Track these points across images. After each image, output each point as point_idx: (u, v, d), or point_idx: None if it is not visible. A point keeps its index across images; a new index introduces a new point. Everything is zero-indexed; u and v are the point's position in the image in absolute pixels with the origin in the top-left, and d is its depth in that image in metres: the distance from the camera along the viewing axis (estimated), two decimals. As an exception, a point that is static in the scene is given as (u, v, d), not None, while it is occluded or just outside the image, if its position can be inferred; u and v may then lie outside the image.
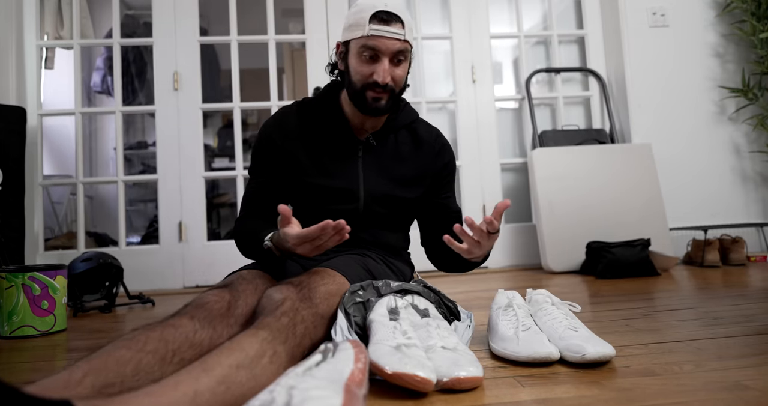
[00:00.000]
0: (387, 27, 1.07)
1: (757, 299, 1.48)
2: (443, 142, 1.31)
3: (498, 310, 1.06)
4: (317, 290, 0.95)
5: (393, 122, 1.25)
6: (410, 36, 1.12)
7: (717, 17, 2.89)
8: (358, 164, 1.22)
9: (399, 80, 1.13)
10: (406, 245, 1.37)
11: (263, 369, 0.71)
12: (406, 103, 1.30)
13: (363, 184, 1.21)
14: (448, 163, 1.31)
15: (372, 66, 1.10)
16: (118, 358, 0.67)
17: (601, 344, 0.90)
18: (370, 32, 1.07)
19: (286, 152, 1.20)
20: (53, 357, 1.23)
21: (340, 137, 1.22)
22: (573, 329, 0.96)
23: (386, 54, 1.09)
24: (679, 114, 2.84)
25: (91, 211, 3.74)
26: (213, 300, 0.89)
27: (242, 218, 1.21)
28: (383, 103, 1.13)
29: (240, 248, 1.19)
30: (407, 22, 1.11)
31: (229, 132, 3.97)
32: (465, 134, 2.84)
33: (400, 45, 1.09)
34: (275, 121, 1.23)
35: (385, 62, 1.09)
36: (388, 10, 1.08)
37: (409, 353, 0.78)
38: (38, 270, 1.54)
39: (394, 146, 1.25)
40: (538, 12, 3.15)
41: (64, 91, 3.13)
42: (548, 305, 1.05)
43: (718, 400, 0.71)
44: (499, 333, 1.00)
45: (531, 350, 0.90)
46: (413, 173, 1.25)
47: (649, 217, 2.54)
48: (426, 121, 1.34)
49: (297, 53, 3.47)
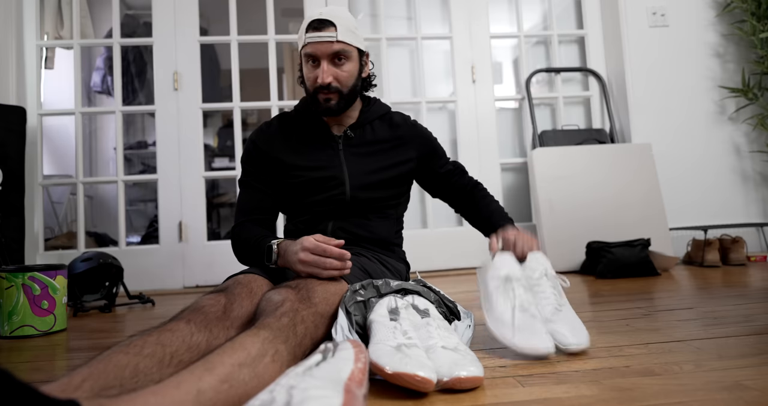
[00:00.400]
0: (319, 33, 1.17)
1: (757, 299, 1.48)
2: (414, 122, 1.41)
3: (495, 279, 1.05)
4: (315, 290, 0.96)
5: (367, 115, 1.32)
6: (351, 38, 1.19)
7: (717, 17, 2.89)
8: (340, 154, 1.28)
9: (344, 79, 1.21)
10: (399, 241, 1.38)
11: (265, 368, 0.71)
12: (377, 99, 1.38)
13: (347, 170, 1.26)
14: (424, 135, 1.39)
15: (315, 70, 1.20)
16: (116, 362, 0.67)
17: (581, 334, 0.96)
18: (307, 41, 1.18)
19: (271, 155, 1.27)
20: (53, 357, 1.23)
21: (319, 134, 1.29)
22: (558, 310, 1.01)
23: (323, 57, 1.18)
24: (679, 114, 2.85)
25: (91, 211, 3.74)
26: (209, 304, 0.90)
27: (239, 225, 1.25)
28: (333, 103, 1.22)
29: (238, 253, 1.23)
30: (342, 25, 1.18)
31: (229, 132, 3.97)
32: (465, 134, 2.84)
33: (337, 46, 1.18)
34: (258, 131, 1.32)
35: (324, 65, 1.19)
36: (321, 17, 1.18)
37: (410, 353, 0.78)
38: (38, 270, 1.54)
39: (371, 134, 1.32)
40: (538, 12, 3.15)
41: (64, 91, 3.13)
42: (541, 277, 1.07)
43: (718, 400, 0.71)
44: (497, 312, 1.00)
45: (528, 345, 0.92)
46: (394, 153, 1.31)
47: (649, 217, 2.54)
48: (399, 112, 1.42)
49: (297, 53, 3.46)
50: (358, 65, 1.25)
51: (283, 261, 1.08)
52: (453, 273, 2.65)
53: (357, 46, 1.22)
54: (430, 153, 1.38)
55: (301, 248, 1.02)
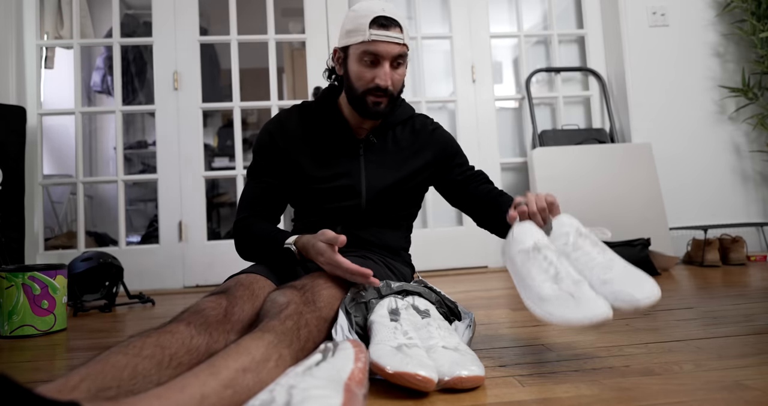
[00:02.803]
0: (387, 32, 1.10)
1: (757, 299, 1.48)
2: (436, 126, 1.33)
3: (522, 253, 0.91)
4: (320, 293, 0.95)
5: (391, 119, 1.27)
6: (407, 39, 1.15)
7: (717, 17, 2.89)
8: (360, 161, 1.23)
9: (398, 84, 1.16)
10: (407, 245, 1.37)
11: (269, 373, 0.71)
12: (402, 100, 1.32)
13: (365, 181, 1.22)
14: (442, 141, 1.30)
15: (373, 70, 1.12)
16: (114, 363, 0.67)
17: (646, 283, 0.83)
18: (371, 37, 1.09)
19: (287, 152, 1.21)
20: (53, 357, 1.23)
21: (341, 137, 1.24)
22: (609, 268, 0.87)
23: (387, 58, 1.11)
24: (679, 113, 2.84)
25: (91, 210, 3.74)
26: (209, 307, 0.88)
27: (244, 219, 1.19)
28: (383, 107, 1.15)
29: (242, 249, 1.18)
30: (405, 26, 1.14)
31: (229, 132, 3.97)
32: (465, 134, 2.84)
33: (400, 49, 1.12)
34: (276, 122, 1.24)
35: (386, 66, 1.11)
36: (387, 15, 1.11)
37: (410, 353, 0.78)
38: (38, 270, 1.54)
39: (393, 141, 1.27)
40: (538, 11, 3.15)
41: (64, 91, 3.13)
42: (576, 238, 0.93)
43: (717, 399, 0.71)
44: (534, 288, 0.87)
45: (580, 316, 0.79)
46: (414, 162, 1.26)
47: (649, 216, 2.54)
48: (423, 114, 1.35)
49: (297, 53, 3.46)
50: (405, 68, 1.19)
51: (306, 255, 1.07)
52: (453, 273, 2.65)
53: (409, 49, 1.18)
54: (447, 159, 1.29)
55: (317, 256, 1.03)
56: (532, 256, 0.90)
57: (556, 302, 0.82)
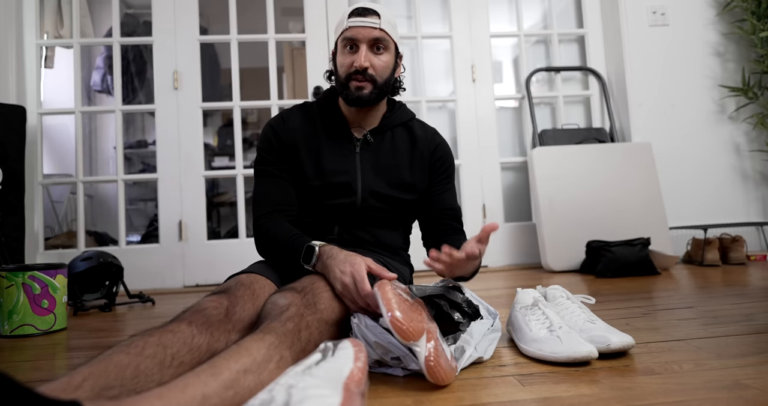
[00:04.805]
0: (363, 18, 1.14)
1: (756, 298, 1.48)
2: (439, 140, 1.32)
3: (523, 309, 1.08)
4: (321, 296, 0.95)
5: (389, 120, 1.28)
6: (391, 30, 1.17)
7: (717, 16, 2.89)
8: (356, 159, 1.23)
9: (380, 68, 1.17)
10: (405, 245, 1.37)
11: (270, 374, 0.71)
12: (402, 104, 1.33)
13: (360, 179, 1.22)
14: (444, 158, 1.31)
15: (353, 56, 1.15)
16: (116, 362, 0.67)
17: (622, 335, 0.96)
18: (348, 25, 1.14)
19: (288, 147, 1.23)
20: (53, 356, 1.23)
21: (339, 134, 1.25)
22: (591, 322, 1.03)
23: (363, 41, 1.14)
24: (679, 113, 2.84)
25: (91, 210, 3.74)
26: (211, 306, 0.89)
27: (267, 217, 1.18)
28: (366, 92, 1.16)
29: (264, 249, 1.17)
30: (385, 16, 1.16)
31: (229, 131, 3.97)
32: (465, 133, 2.84)
33: (377, 33, 1.15)
34: (279, 118, 1.27)
35: (363, 49, 1.14)
36: (366, 6, 1.16)
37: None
38: (38, 269, 1.54)
39: (390, 143, 1.27)
40: (538, 11, 3.15)
41: (63, 90, 3.13)
42: (564, 300, 1.12)
43: (717, 399, 0.71)
44: (530, 334, 1.00)
45: (571, 351, 0.91)
46: (409, 171, 1.26)
47: (649, 216, 2.54)
48: (423, 121, 1.36)
49: (297, 52, 3.46)
50: (394, 60, 1.21)
51: (322, 267, 1.04)
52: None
53: (395, 40, 1.19)
54: (438, 178, 1.30)
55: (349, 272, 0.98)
56: (531, 310, 1.07)
57: (548, 342, 0.96)
